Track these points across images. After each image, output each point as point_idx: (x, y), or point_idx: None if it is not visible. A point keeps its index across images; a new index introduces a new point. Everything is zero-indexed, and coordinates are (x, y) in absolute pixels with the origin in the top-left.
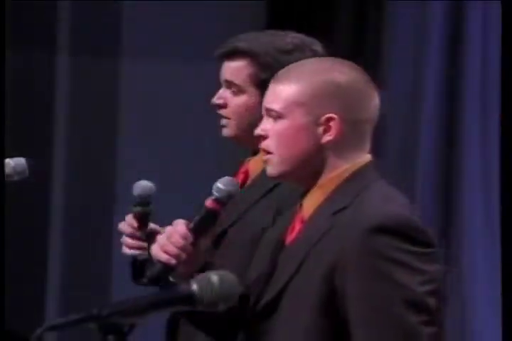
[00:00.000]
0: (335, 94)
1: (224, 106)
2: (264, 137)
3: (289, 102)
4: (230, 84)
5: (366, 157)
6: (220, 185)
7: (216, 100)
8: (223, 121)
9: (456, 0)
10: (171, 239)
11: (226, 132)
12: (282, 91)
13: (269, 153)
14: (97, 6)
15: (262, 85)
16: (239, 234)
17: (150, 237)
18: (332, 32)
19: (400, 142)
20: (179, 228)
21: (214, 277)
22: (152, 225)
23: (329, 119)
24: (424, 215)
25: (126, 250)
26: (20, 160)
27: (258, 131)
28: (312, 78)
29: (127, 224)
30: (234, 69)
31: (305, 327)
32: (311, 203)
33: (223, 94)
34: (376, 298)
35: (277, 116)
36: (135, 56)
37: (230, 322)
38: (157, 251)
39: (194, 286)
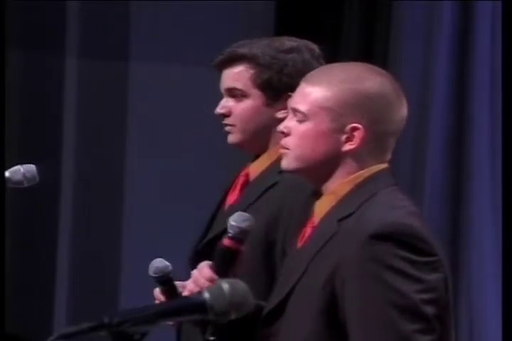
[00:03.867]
0: (364, 105)
1: (228, 114)
2: (285, 134)
3: (316, 105)
4: (232, 91)
5: (382, 165)
6: (232, 222)
7: (219, 110)
8: (228, 128)
9: (464, 0)
10: (198, 283)
11: (232, 139)
12: (311, 94)
13: (287, 148)
14: (105, 9)
15: (264, 86)
16: None
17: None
18: (340, 33)
19: (409, 142)
20: (204, 272)
21: (225, 285)
22: (179, 284)
23: (354, 129)
24: (432, 217)
25: None
26: (30, 167)
27: (281, 128)
28: (343, 85)
29: (157, 299)
30: (234, 74)
31: (307, 330)
32: (322, 208)
33: (226, 104)
34: (372, 302)
35: (302, 118)
36: (144, 59)
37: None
38: None
39: (205, 294)
